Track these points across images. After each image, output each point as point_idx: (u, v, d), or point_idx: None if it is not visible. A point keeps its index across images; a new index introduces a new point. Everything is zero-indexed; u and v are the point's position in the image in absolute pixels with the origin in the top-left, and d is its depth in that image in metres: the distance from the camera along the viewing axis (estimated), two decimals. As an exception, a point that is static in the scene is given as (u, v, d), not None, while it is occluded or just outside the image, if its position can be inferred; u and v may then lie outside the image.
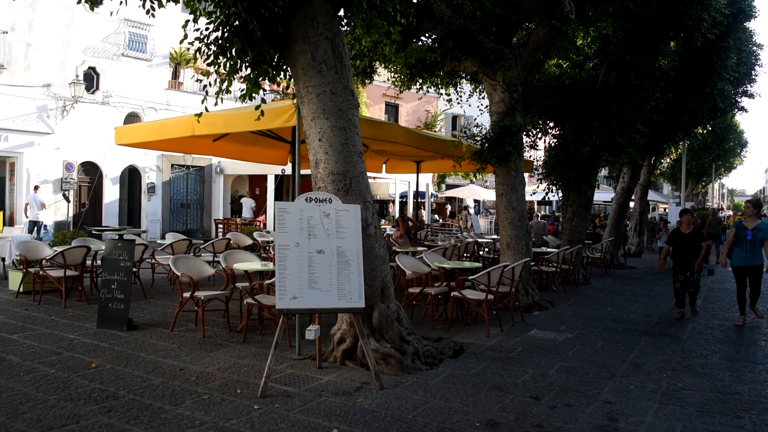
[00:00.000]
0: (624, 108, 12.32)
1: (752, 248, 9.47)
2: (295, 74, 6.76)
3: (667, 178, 42.15)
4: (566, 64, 15.48)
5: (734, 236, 9.72)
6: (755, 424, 5.26)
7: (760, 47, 19.24)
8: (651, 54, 12.99)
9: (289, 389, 5.83)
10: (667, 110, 15.41)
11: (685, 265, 10.15)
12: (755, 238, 9.42)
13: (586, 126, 11.85)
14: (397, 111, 33.08)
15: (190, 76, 23.52)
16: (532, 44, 10.86)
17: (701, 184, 45.51)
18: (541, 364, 6.98)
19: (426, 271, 9.66)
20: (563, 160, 12.59)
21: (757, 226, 9.50)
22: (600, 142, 12.00)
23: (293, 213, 6.10)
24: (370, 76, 12.66)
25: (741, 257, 9.59)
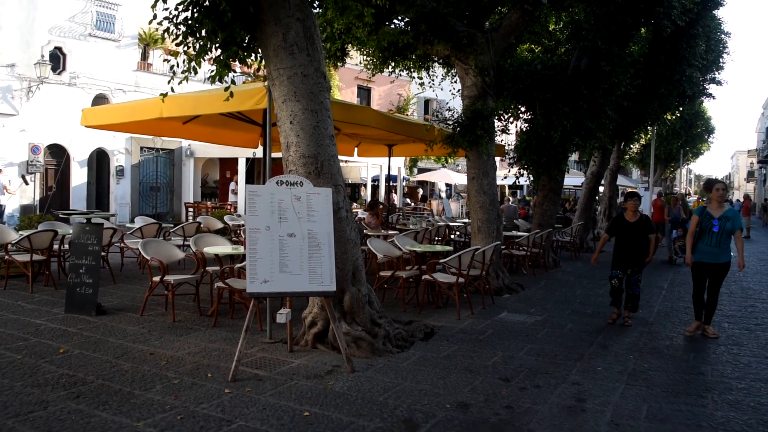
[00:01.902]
0: (595, 93, 12.41)
1: (719, 241, 7.68)
2: (266, 56, 6.69)
3: (637, 163, 42.63)
4: (538, 49, 15.54)
5: (697, 226, 7.88)
6: (717, 403, 5.39)
7: (727, 35, 19.49)
8: (622, 40, 13.08)
9: (260, 373, 5.82)
10: (637, 96, 15.56)
11: (626, 260, 8.50)
12: (723, 229, 7.66)
13: (557, 111, 11.92)
14: (370, 94, 32.96)
15: (160, 57, 23.16)
16: (505, 28, 10.86)
17: (670, 170, 46.12)
18: (510, 347, 7.05)
19: (397, 255, 9.69)
20: (534, 144, 12.67)
21: (725, 213, 7.73)
22: (571, 127, 12.09)
23: (264, 196, 6.06)
24: (342, 58, 12.57)
25: (705, 252, 7.79)
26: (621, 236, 8.65)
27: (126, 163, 22.63)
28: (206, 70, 7.07)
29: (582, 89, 12.14)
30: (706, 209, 7.93)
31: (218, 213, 17.90)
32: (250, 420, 4.66)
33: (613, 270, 8.67)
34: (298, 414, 4.80)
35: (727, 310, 9.72)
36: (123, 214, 21.90)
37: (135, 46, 22.65)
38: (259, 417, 4.72)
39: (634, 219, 8.58)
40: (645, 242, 8.50)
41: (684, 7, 13.51)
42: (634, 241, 8.49)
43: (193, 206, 22.37)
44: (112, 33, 21.84)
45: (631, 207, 8.70)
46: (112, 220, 15.57)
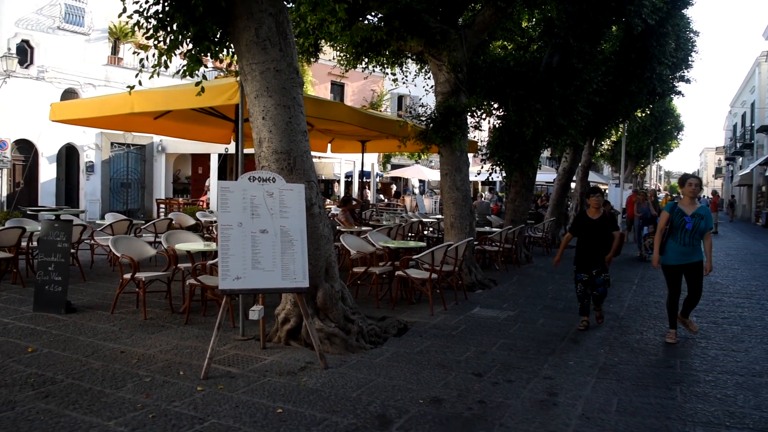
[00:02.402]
0: (566, 90, 12.50)
1: (692, 240, 7.16)
2: (238, 51, 6.64)
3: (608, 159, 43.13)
4: (511, 45, 15.61)
5: (667, 224, 7.32)
6: (685, 395, 5.48)
7: (696, 34, 19.75)
8: (593, 38, 13.18)
9: (232, 370, 5.78)
10: (608, 93, 15.70)
11: (590, 261, 7.93)
12: (696, 227, 7.13)
13: (530, 107, 11.99)
14: (343, 90, 32.90)
15: (131, 51, 22.84)
16: (478, 25, 10.91)
17: (640, 166, 46.67)
18: (483, 342, 7.10)
19: (371, 251, 9.69)
20: (507, 140, 12.73)
21: (697, 211, 7.19)
22: (543, 124, 12.17)
23: (236, 192, 6.02)
24: (315, 54, 12.53)
25: (677, 252, 7.24)
26: (584, 235, 8.09)
27: (96, 158, 22.33)
28: (178, 64, 6.98)
29: (554, 86, 12.22)
30: (678, 205, 7.34)
31: (190, 209, 17.75)
32: (223, 418, 4.63)
33: (578, 273, 8.05)
34: (271, 411, 4.79)
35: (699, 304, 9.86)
36: (93, 211, 21.63)
37: (105, 40, 22.35)
38: (231, 415, 4.69)
39: (597, 216, 8.03)
40: (609, 241, 7.97)
41: (654, 6, 13.65)
42: (598, 239, 7.94)
43: (165, 202, 22.14)
44: (82, 26, 21.52)
45: (593, 203, 8.07)
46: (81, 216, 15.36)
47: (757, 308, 9.63)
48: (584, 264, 7.99)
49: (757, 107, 40.33)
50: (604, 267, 7.94)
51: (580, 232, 8.16)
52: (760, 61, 40.27)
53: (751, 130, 42.33)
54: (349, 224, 13.03)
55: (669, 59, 17.21)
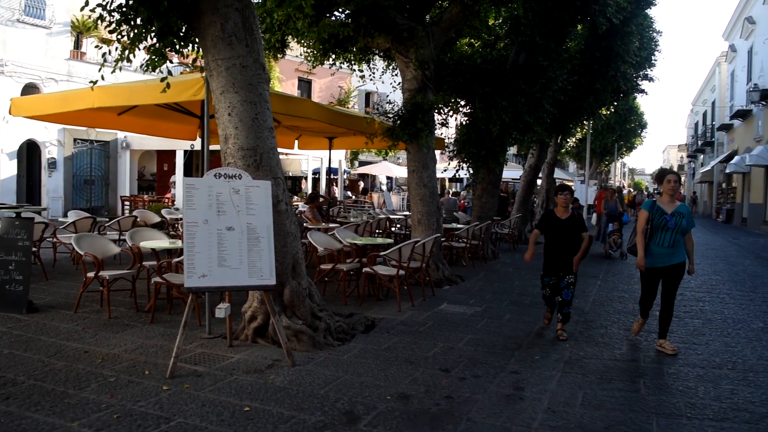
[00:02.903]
0: (533, 88, 12.63)
1: (673, 240, 6.66)
2: (203, 46, 6.56)
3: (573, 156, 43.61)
4: (478, 43, 15.71)
5: (647, 223, 6.77)
6: (648, 388, 5.59)
7: (659, 33, 20.13)
8: (559, 36, 13.32)
9: (199, 369, 5.73)
10: (573, 91, 15.89)
11: (558, 264, 7.41)
12: (678, 227, 6.65)
13: (496, 105, 12.08)
14: (310, 86, 32.78)
15: (94, 45, 22.46)
16: (445, 22, 10.95)
17: (605, 163, 47.37)
18: (450, 338, 7.14)
19: (338, 248, 9.68)
20: (473, 137, 12.81)
21: (678, 209, 6.74)
22: (509, 121, 12.27)
23: (202, 189, 5.96)
24: (282, 50, 12.46)
25: (657, 255, 6.73)
26: (551, 236, 7.51)
27: (58, 155, 21.91)
28: (142, 59, 6.89)
29: (520, 84, 12.33)
30: (657, 203, 6.84)
31: (155, 206, 17.54)
32: (189, 417, 4.59)
33: (545, 277, 7.57)
34: (239, 409, 4.76)
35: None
36: (55, 208, 21.21)
37: (67, 34, 21.90)
38: (198, 413, 4.65)
39: (566, 215, 7.45)
40: (578, 242, 7.38)
41: (618, 5, 13.85)
42: (566, 241, 7.38)
43: (130, 200, 21.84)
44: (43, 19, 21.07)
45: (561, 202, 7.44)
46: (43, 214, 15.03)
47: (717, 302, 9.84)
48: (552, 267, 7.48)
49: (718, 106, 41.17)
50: (571, 270, 7.37)
51: (547, 231, 7.57)
52: (720, 61, 41.11)
53: (711, 128, 43.22)
54: (316, 221, 12.99)
55: (633, 58, 17.49)
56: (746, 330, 7.97)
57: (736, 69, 34.30)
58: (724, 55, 39.19)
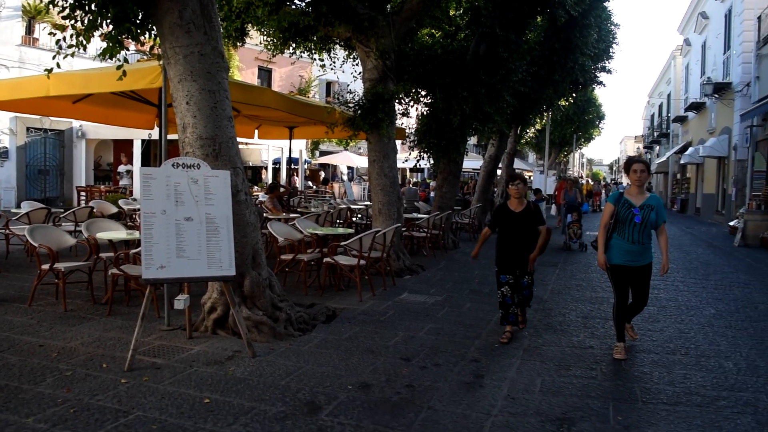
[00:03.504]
0: (493, 79, 12.71)
1: (641, 236, 6.07)
2: (161, 33, 6.44)
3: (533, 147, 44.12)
4: (439, 33, 15.73)
5: (612, 217, 6.19)
6: (605, 374, 5.70)
7: (617, 26, 20.44)
8: (519, 27, 13.42)
9: (158, 361, 5.66)
10: (532, 82, 16.05)
11: (514, 260, 6.75)
12: (646, 221, 6.05)
13: (457, 95, 12.14)
14: (271, 75, 32.48)
15: (47, 31, 21.83)
16: (406, 12, 10.93)
17: (563, 154, 47.99)
18: (411, 327, 7.17)
19: (298, 238, 9.64)
20: (434, 128, 12.86)
21: (647, 201, 6.13)
22: (470, 111, 12.34)
23: (159, 179, 5.87)
24: (241, 38, 12.31)
25: (625, 251, 6.12)
26: (505, 230, 6.84)
27: (11, 144, 21.32)
28: (98, 46, 6.73)
29: (481, 74, 12.40)
30: (624, 195, 6.23)
31: (112, 197, 17.20)
32: (148, 410, 4.53)
33: (501, 275, 6.85)
34: (198, 401, 4.72)
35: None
36: (8, 199, 20.66)
37: (19, 19, 21.27)
38: (157, 406, 4.60)
39: (520, 208, 6.78)
40: (534, 237, 6.73)
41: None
42: (521, 236, 6.73)
43: (86, 190, 21.37)
44: (-8, 4, 20.44)
45: (514, 193, 6.76)
46: (-5, 204, 14.68)
47: (672, 290, 10.07)
48: (507, 264, 6.81)
49: (673, 98, 41.98)
50: (526, 268, 6.78)
51: (500, 226, 6.89)
52: (675, 54, 41.89)
53: (667, 120, 44.05)
54: (276, 211, 12.91)
55: (591, 50, 17.73)
56: (699, 316, 8.17)
57: (691, 62, 35.00)
58: (679, 49, 39.93)
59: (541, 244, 6.71)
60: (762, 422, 4.61)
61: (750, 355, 6.42)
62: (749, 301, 9.35)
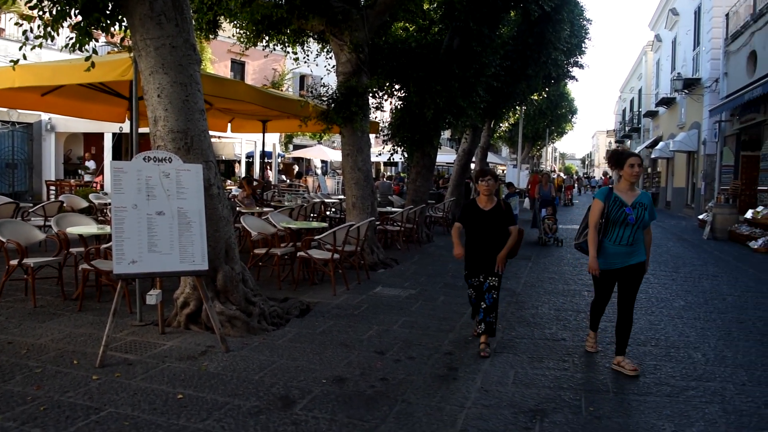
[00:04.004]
0: (466, 73, 12.74)
1: (633, 237, 5.56)
2: (131, 25, 6.35)
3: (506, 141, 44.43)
4: (413, 27, 15.72)
5: (602, 217, 5.63)
6: (577, 366, 5.77)
7: (589, 22, 20.64)
8: (492, 22, 13.45)
9: (130, 357, 5.61)
10: (506, 77, 16.12)
11: (482, 262, 6.22)
12: (639, 221, 5.54)
13: (431, 89, 12.15)
14: (244, 68, 32.24)
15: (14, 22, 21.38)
16: (380, 6, 10.91)
17: (537, 148, 48.37)
18: (385, 320, 7.19)
19: (272, 232, 9.60)
20: (408, 122, 12.87)
21: (639, 199, 5.63)
22: (443, 105, 12.36)
23: (130, 173, 5.80)
24: (213, 31, 12.18)
25: (613, 254, 5.64)
26: (472, 230, 6.31)
27: (-23, 137, 20.95)
28: (67, 36, 6.61)
29: (454, 68, 12.42)
30: (614, 192, 5.68)
31: (83, 191, 16.97)
32: (121, 406, 4.48)
33: (468, 278, 6.42)
34: (171, 397, 4.68)
35: (587, 279, 10.35)
36: (-25, 193, 20.30)
37: (-16, 10, 20.87)
38: (129, 402, 4.55)
39: (490, 206, 6.24)
40: (504, 238, 6.18)
41: (550, -7, 14.11)
42: (490, 236, 6.19)
43: (55, 184, 21.06)
44: (-43, -6, 20.00)
45: (484, 190, 6.21)
46: (-39, 199, 14.36)
47: (643, 282, 10.15)
48: (475, 266, 6.31)
49: (644, 93, 42.46)
50: (494, 270, 6.18)
51: (468, 225, 6.38)
52: (646, 50, 42.37)
53: (638, 114, 44.56)
54: (249, 205, 12.84)
55: (564, 45, 17.86)
56: (669, 308, 8.30)
57: (662, 58, 35.42)
58: (650, 45, 40.38)
59: (510, 244, 6.17)
60: (729, 411, 4.71)
61: (718, 345, 6.55)
62: (717, 293, 9.52)
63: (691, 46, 27.06)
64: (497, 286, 6.22)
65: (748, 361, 6.03)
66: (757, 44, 18.54)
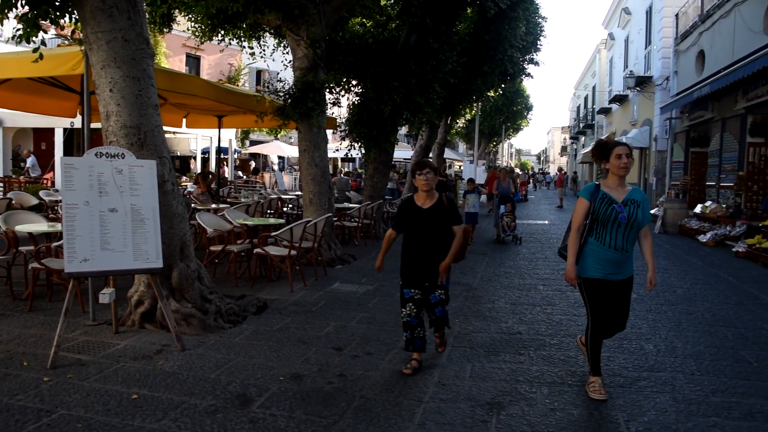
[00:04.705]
0: (423, 69, 12.79)
1: (625, 240, 4.81)
2: (82, 17, 6.19)
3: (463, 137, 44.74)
4: (370, 23, 15.72)
5: (586, 217, 4.86)
6: (533, 358, 5.84)
7: (544, 19, 20.94)
8: (449, 18, 13.53)
9: (83, 357, 5.49)
10: (462, 73, 16.24)
11: (421, 269, 5.44)
12: (632, 221, 4.77)
13: (388, 85, 12.16)
14: (199, 63, 31.80)
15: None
16: (337, 1, 10.87)
17: (493, 144, 48.81)
18: (343, 316, 7.18)
19: (228, 229, 9.50)
20: (365, 117, 12.86)
21: (631, 196, 4.84)
22: (400, 101, 12.39)
23: (82, 169, 5.67)
24: (168, 24, 11.99)
25: (602, 261, 4.84)
26: (410, 231, 5.52)
27: None
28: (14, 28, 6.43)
29: (411, 65, 12.45)
30: (602, 188, 4.89)
31: (32, 188, 16.55)
32: (73, 408, 4.39)
33: (405, 289, 5.51)
34: (126, 397, 4.60)
35: (542, 273, 10.52)
36: None
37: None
38: (82, 404, 4.46)
39: (430, 203, 5.43)
40: (447, 240, 5.42)
41: (506, -10, 14.25)
42: (430, 237, 5.41)
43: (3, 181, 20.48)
44: None
45: (422, 185, 5.39)
46: None
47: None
48: (412, 274, 5.50)
49: (598, 90, 43.21)
50: (436, 279, 5.44)
51: (405, 226, 5.56)
52: (600, 48, 43.11)
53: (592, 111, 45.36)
54: (205, 202, 12.68)
55: (520, 42, 18.08)
56: (621, 301, 8.46)
57: (615, 56, 36.08)
58: (604, 43, 41.10)
59: (455, 248, 5.39)
60: (678, 399, 4.83)
61: (668, 336, 6.71)
62: (668, 285, 9.75)
63: (643, 44, 27.63)
64: (446, 298, 5.55)
65: (697, 351, 6.19)
66: (705, 44, 19.02)
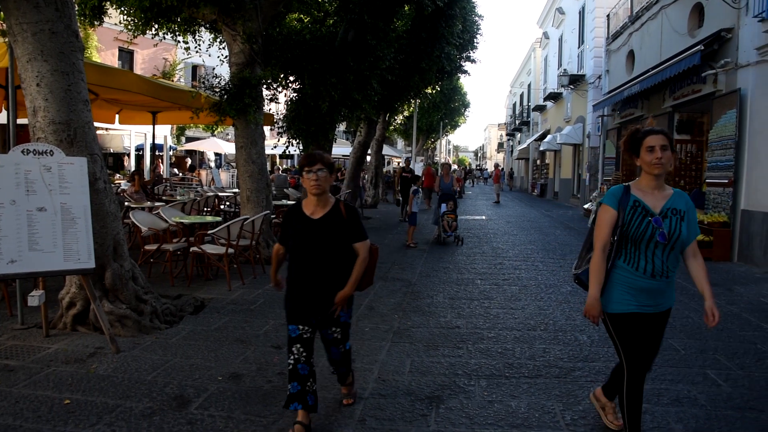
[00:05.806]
0: (361, 66, 12.79)
1: (666, 265, 3.51)
2: (5, 8, 5.95)
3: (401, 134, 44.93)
4: (307, 19, 15.63)
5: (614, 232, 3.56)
6: (471, 352, 5.92)
7: (481, 18, 21.21)
8: (387, 15, 13.57)
9: (11, 363, 5.29)
10: (400, 70, 16.32)
11: (311, 300, 4.12)
12: (675, 237, 3.47)
13: (326, 81, 12.12)
14: (132, 57, 31.00)
15: None
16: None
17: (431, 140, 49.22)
18: (282, 314, 7.02)
19: (163, 227, 9.31)
20: (303, 114, 12.79)
21: (672, 204, 3.54)
22: (338, 98, 12.37)
23: (8, 167, 5.46)
24: (99, 17, 11.62)
25: (636, 291, 3.56)
26: (296, 248, 4.13)
27: None
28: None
29: (349, 61, 12.44)
30: (632, 193, 3.59)
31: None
32: (2, 416, 4.22)
33: (290, 324, 4.14)
34: (58, 403, 4.45)
35: (480, 268, 10.66)
36: None
37: None
38: (11, 411, 4.29)
39: (322, 212, 4.11)
40: (346, 260, 4.15)
41: (442, -12, 14.37)
42: (322, 258, 4.09)
43: None
44: None
45: (312, 186, 4.04)
46: None
47: (532, 269, 10.60)
48: (299, 306, 4.15)
49: (533, 88, 44.02)
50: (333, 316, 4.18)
51: (290, 242, 4.18)
52: (535, 46, 43.91)
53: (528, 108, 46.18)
54: (139, 200, 12.39)
55: (457, 40, 18.27)
56: (557, 294, 8.66)
57: (549, 55, 36.83)
58: (539, 42, 41.87)
59: (357, 272, 4.17)
60: (612, 391, 4.96)
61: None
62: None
63: (576, 44, 28.29)
64: (346, 336, 4.33)
65: (628, 342, 6.38)
66: (634, 44, 19.60)
